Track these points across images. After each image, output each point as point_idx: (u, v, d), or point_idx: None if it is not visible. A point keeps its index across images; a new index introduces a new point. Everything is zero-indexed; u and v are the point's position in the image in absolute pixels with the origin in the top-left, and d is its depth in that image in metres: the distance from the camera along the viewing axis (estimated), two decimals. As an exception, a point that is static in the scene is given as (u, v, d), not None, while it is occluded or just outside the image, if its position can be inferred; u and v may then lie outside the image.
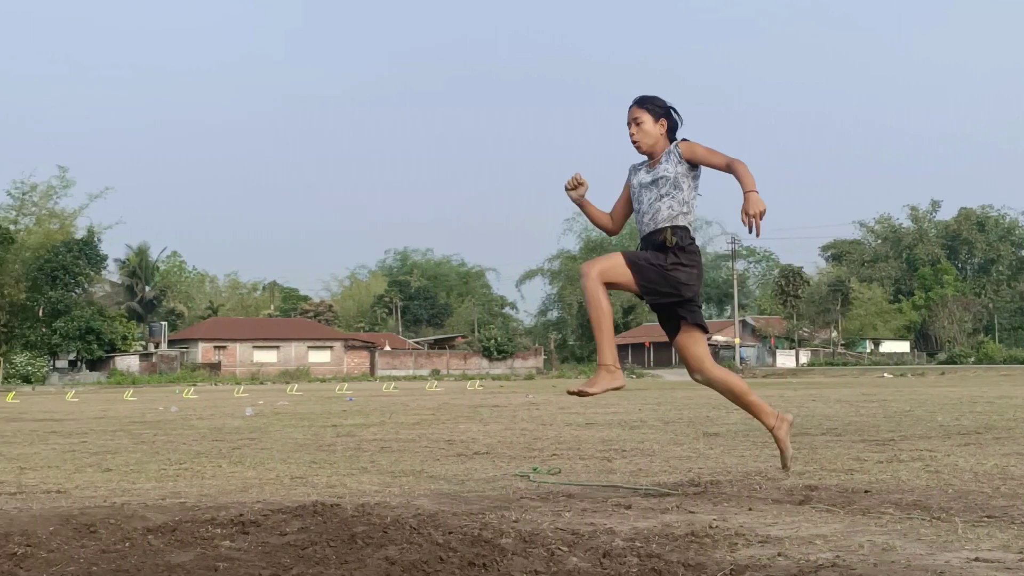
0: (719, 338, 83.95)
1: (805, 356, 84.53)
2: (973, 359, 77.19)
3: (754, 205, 4.84)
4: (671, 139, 5.46)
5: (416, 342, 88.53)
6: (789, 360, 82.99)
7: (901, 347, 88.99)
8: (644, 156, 5.51)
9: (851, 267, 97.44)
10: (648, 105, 5.44)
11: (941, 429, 10.00)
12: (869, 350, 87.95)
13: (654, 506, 4.96)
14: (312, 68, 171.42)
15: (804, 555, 3.67)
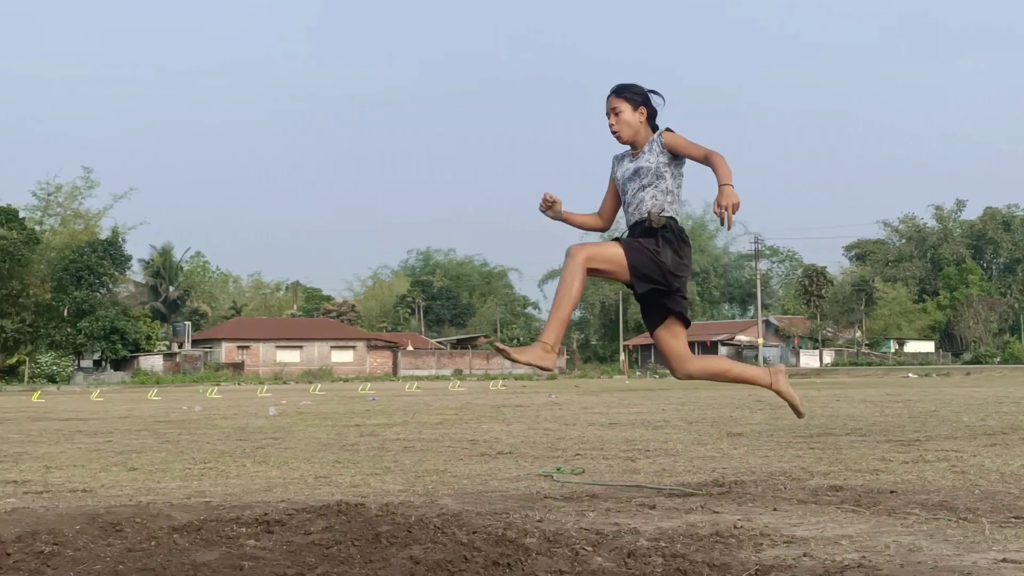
0: (742, 338, 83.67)
1: (829, 356, 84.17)
2: (999, 359, 76.62)
3: (727, 197, 4.85)
4: (653, 126, 5.42)
5: (439, 342, 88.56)
6: (813, 360, 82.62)
7: (926, 347, 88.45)
8: (626, 146, 5.48)
9: (875, 267, 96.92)
10: (626, 94, 5.37)
11: (967, 429, 9.93)
12: (893, 350, 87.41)
13: (678, 506, 4.95)
14: (336, 68, 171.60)
15: (830, 555, 3.65)
